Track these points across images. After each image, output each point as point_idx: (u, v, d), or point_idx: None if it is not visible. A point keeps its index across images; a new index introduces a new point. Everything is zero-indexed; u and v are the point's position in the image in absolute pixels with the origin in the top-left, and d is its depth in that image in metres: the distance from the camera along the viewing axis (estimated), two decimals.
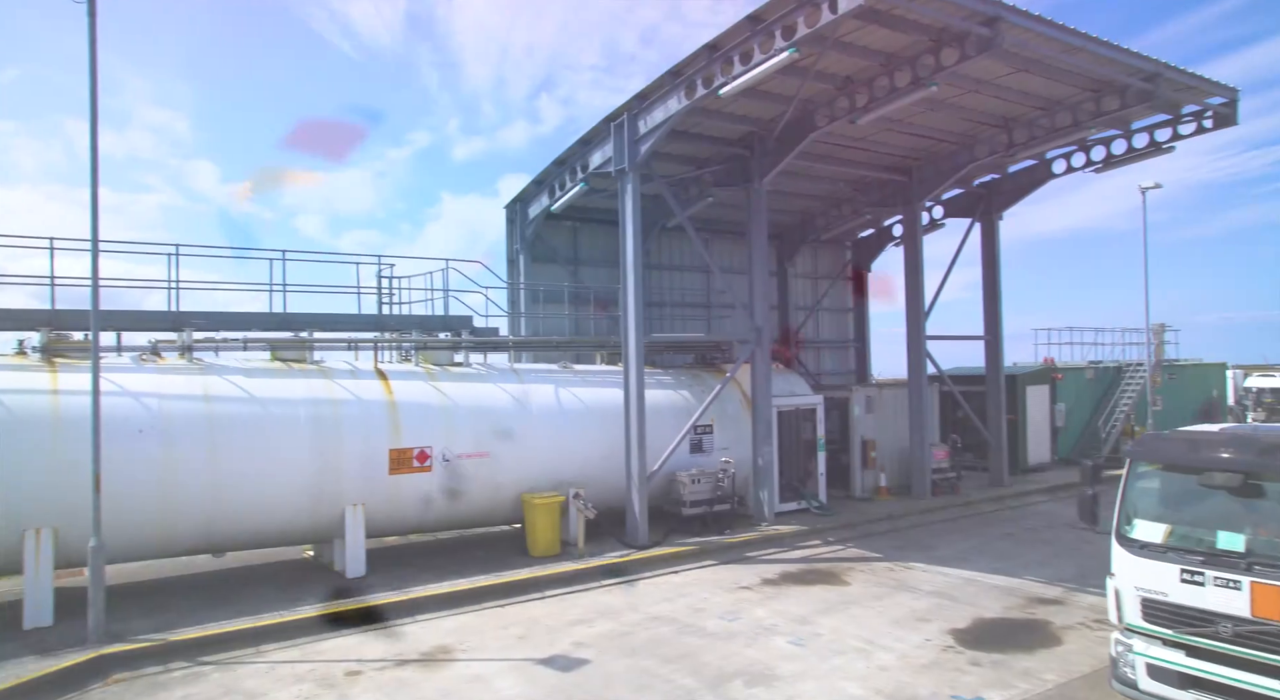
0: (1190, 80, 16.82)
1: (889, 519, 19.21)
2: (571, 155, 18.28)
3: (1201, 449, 7.91)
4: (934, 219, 25.02)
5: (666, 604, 12.86)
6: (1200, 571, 7.52)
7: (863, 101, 15.63)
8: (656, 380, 18.38)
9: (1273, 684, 7.09)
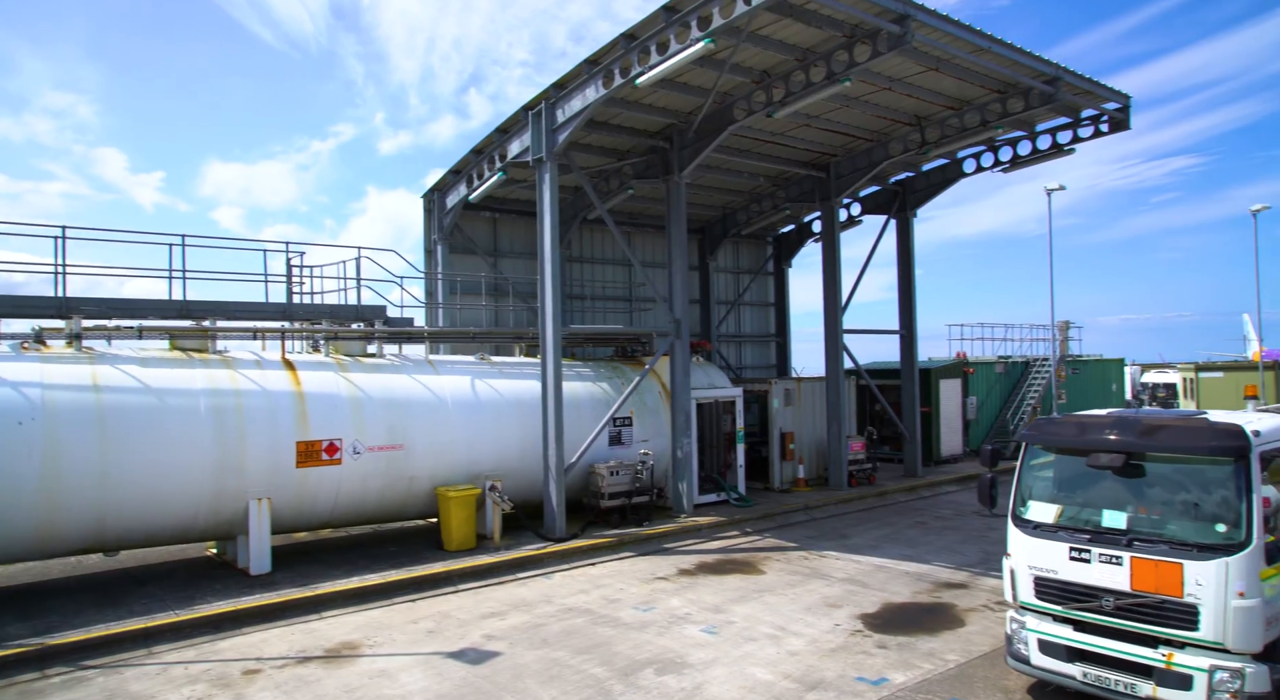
0: (1087, 85, 17.53)
1: (806, 509, 19.51)
2: (490, 144, 18.01)
3: (1089, 432, 8.22)
4: (852, 216, 25.52)
5: (582, 596, 12.77)
6: (1087, 549, 7.82)
7: (779, 95, 15.79)
8: (576, 372, 18.28)
9: (1149, 652, 7.42)
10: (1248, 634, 6.97)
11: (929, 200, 23.54)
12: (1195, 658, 7.15)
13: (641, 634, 10.87)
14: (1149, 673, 7.42)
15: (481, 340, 18.14)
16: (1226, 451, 7.31)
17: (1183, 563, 7.21)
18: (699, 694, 8.84)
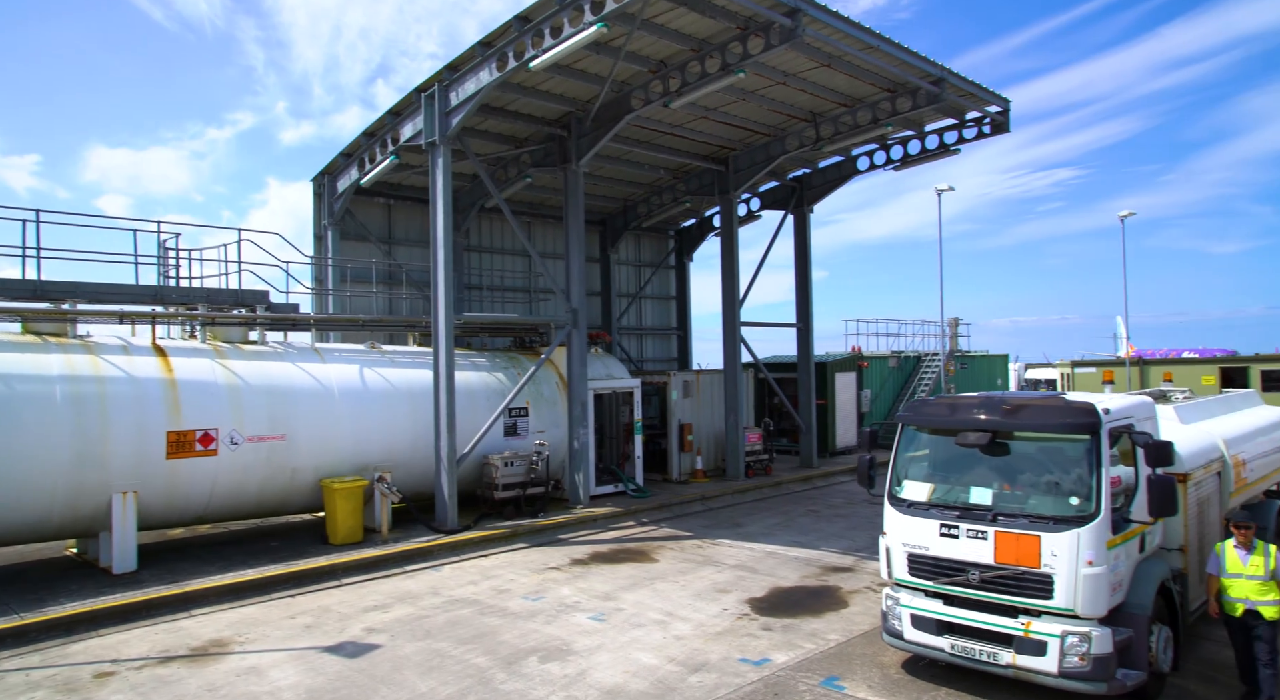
0: (970, 87, 18.24)
1: (702, 499, 19.68)
2: (382, 127, 17.47)
3: (958, 412, 8.51)
4: (751, 210, 25.92)
5: (471, 587, 12.52)
6: (956, 525, 8.08)
7: (675, 86, 15.84)
8: (471, 362, 17.94)
9: (1010, 622, 7.73)
10: (1095, 600, 7.34)
11: (825, 196, 24.09)
12: (1050, 625, 7.48)
13: (529, 623, 10.71)
14: (1010, 641, 7.73)
15: (372, 329, 17.59)
16: (1080, 428, 7.68)
17: (1040, 535, 7.53)
18: (582, 680, 8.75)
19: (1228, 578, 7.79)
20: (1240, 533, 7.80)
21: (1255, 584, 7.65)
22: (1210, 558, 8.07)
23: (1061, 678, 7.44)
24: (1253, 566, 7.67)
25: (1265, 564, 7.64)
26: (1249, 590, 7.68)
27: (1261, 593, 7.64)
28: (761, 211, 25.81)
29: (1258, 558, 7.68)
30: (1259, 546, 7.76)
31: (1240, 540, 7.80)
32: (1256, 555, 7.70)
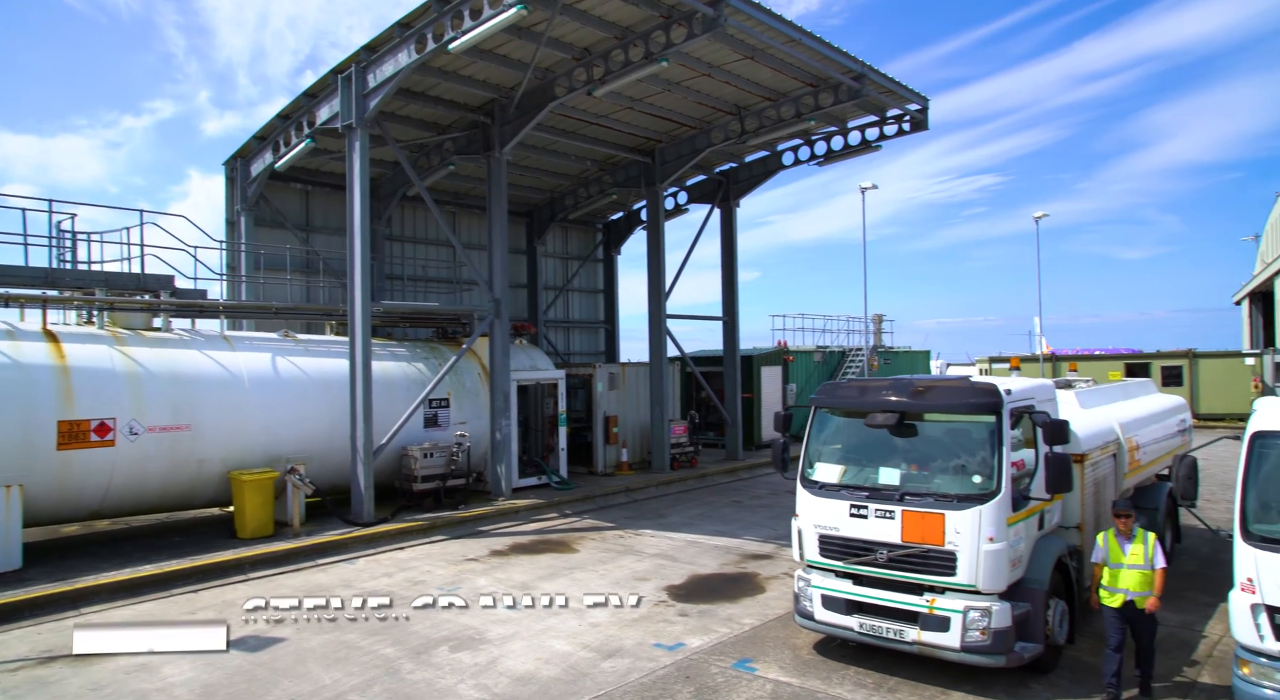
0: (890, 84, 18.61)
1: (626, 491, 19.64)
2: (297, 109, 16.92)
3: (868, 393, 8.63)
4: (678, 204, 26.01)
5: (385, 579, 12.21)
6: (865, 505, 8.19)
7: (599, 74, 15.75)
8: (390, 352, 17.53)
9: (916, 599, 7.86)
10: (995, 575, 7.52)
11: (751, 190, 24.31)
12: (953, 601, 7.65)
13: (442, 613, 10.49)
14: (915, 619, 7.88)
15: (287, 317, 17.02)
16: (983, 408, 7.86)
17: (944, 513, 7.69)
18: (493, 667, 8.60)
19: (1110, 568, 7.59)
20: (1121, 521, 7.63)
21: (1135, 574, 7.45)
22: (1094, 548, 7.88)
23: (963, 652, 7.62)
24: (1133, 556, 7.49)
25: (1144, 553, 7.46)
26: (1129, 580, 7.46)
27: (1141, 583, 7.44)
28: (689, 205, 25.91)
29: (1138, 546, 7.51)
30: (1139, 535, 7.59)
31: (1121, 529, 7.62)
32: (1136, 544, 7.53)
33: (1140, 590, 7.44)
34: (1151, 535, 7.56)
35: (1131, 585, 7.46)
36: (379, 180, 21.22)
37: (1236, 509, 6.67)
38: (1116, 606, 7.52)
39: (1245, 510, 6.61)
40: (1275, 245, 41.98)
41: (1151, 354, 37.78)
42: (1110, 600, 7.58)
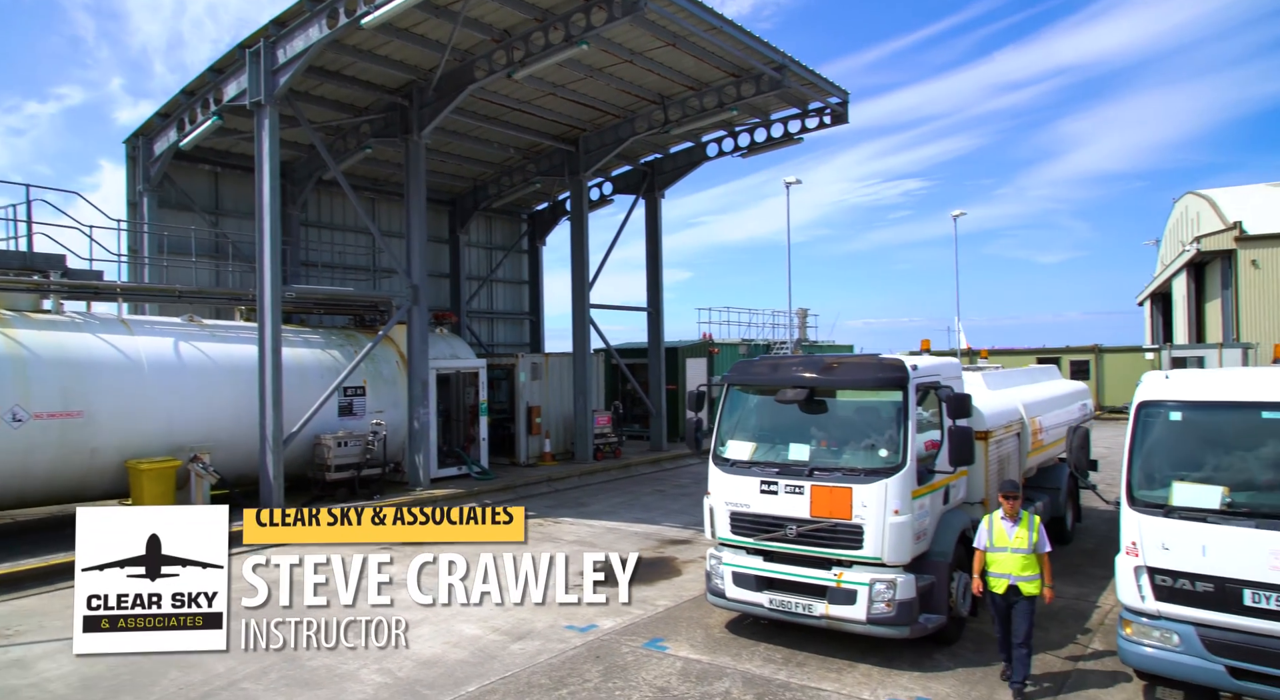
0: (811, 77, 18.86)
1: (548, 481, 19.47)
2: (203, 85, 16.21)
3: (779, 370, 8.68)
4: (604, 194, 25.90)
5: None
6: (775, 481, 8.23)
7: (519, 56, 15.53)
8: (303, 339, 16.98)
9: (823, 574, 7.93)
10: (900, 547, 7.64)
11: (676, 181, 24.37)
12: (859, 574, 7.74)
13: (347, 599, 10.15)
14: (824, 593, 7.94)
15: (193, 301, 16.30)
16: (889, 383, 7.97)
17: (851, 487, 7.77)
18: (399, 652, 8.36)
19: (994, 552, 7.25)
20: (1008, 503, 7.26)
21: (1019, 558, 7.13)
22: (978, 531, 7.48)
23: (869, 624, 7.71)
24: (1017, 539, 7.16)
25: (1028, 537, 7.15)
26: (1013, 565, 7.15)
27: (1024, 568, 7.13)
28: (614, 196, 25.83)
29: (1022, 530, 7.19)
30: (1024, 518, 7.27)
31: (1007, 511, 7.26)
32: (1021, 527, 7.20)
33: (1024, 574, 7.14)
34: (1036, 518, 7.28)
35: (1015, 569, 7.15)
36: (293, 163, 20.55)
37: (1123, 477, 6.90)
38: (1000, 592, 7.23)
39: (1131, 478, 6.84)
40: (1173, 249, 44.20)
41: (1061, 349, 39.28)
42: (994, 586, 7.28)
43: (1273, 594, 6.02)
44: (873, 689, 7.33)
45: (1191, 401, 6.80)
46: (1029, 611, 7.14)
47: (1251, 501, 6.32)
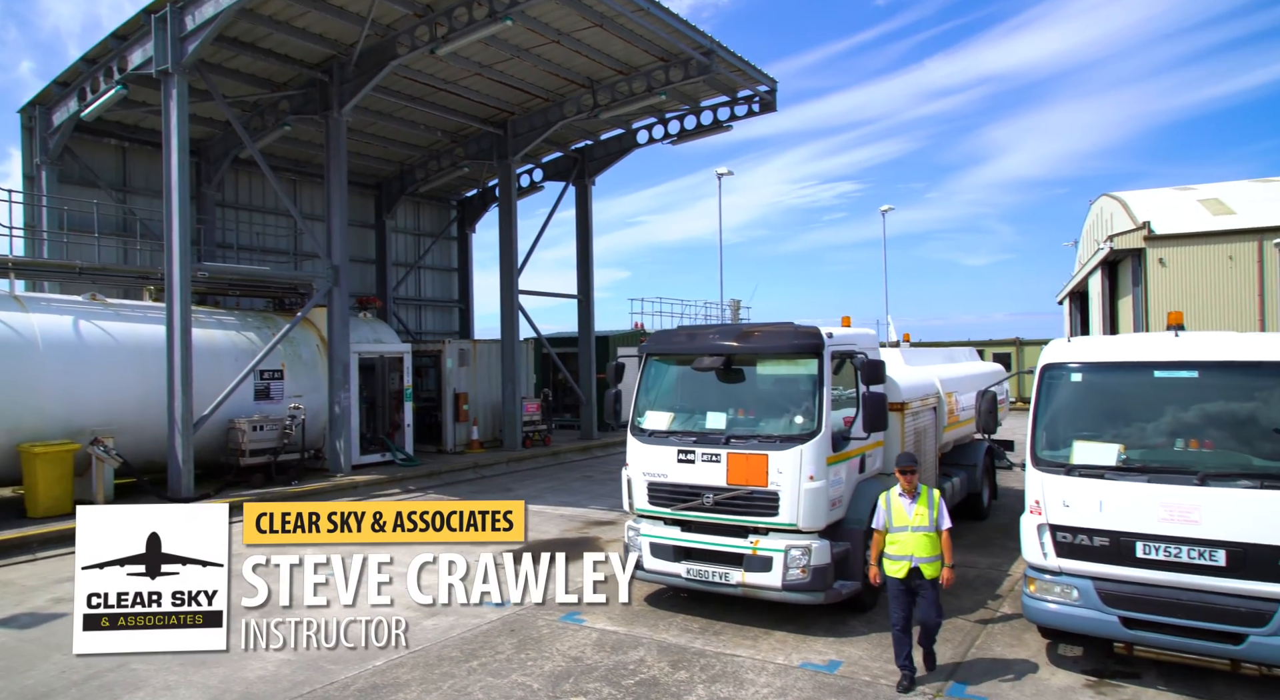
0: (739, 63, 18.94)
1: (475, 468, 19.17)
2: (106, 53, 15.45)
3: (697, 339, 8.63)
4: (534, 181, 25.66)
5: None
6: (692, 450, 8.18)
7: (443, 32, 15.20)
8: (217, 320, 16.37)
9: (740, 542, 7.92)
10: (815, 513, 7.66)
11: (607, 168, 24.27)
12: (775, 541, 7.73)
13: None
14: (740, 561, 7.92)
15: (95, 278, 15.53)
16: (804, 349, 7.99)
17: (767, 454, 7.76)
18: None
19: (893, 532, 6.67)
20: (905, 477, 6.70)
21: (920, 538, 6.58)
22: (875, 511, 6.87)
23: (785, 591, 7.71)
24: (918, 516, 6.60)
25: (929, 514, 6.60)
26: (914, 545, 6.58)
27: (926, 548, 6.58)
28: (544, 182, 25.61)
29: (922, 506, 6.62)
30: (923, 493, 6.70)
31: (905, 486, 6.69)
32: (920, 504, 6.63)
33: (925, 555, 6.58)
34: (936, 493, 6.74)
35: (916, 550, 6.59)
36: (208, 140, 19.81)
37: (1028, 439, 7.03)
38: (901, 577, 6.62)
39: (1035, 439, 6.98)
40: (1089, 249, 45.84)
41: (984, 341, 40.49)
42: (894, 569, 6.67)
43: (1162, 545, 6.20)
44: (787, 654, 7.34)
45: (1091, 362, 6.98)
46: (935, 595, 6.65)
47: (1144, 457, 6.51)
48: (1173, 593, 6.20)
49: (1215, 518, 6.04)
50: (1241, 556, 5.96)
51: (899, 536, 6.67)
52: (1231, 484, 6.08)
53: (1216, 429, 6.45)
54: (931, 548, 6.62)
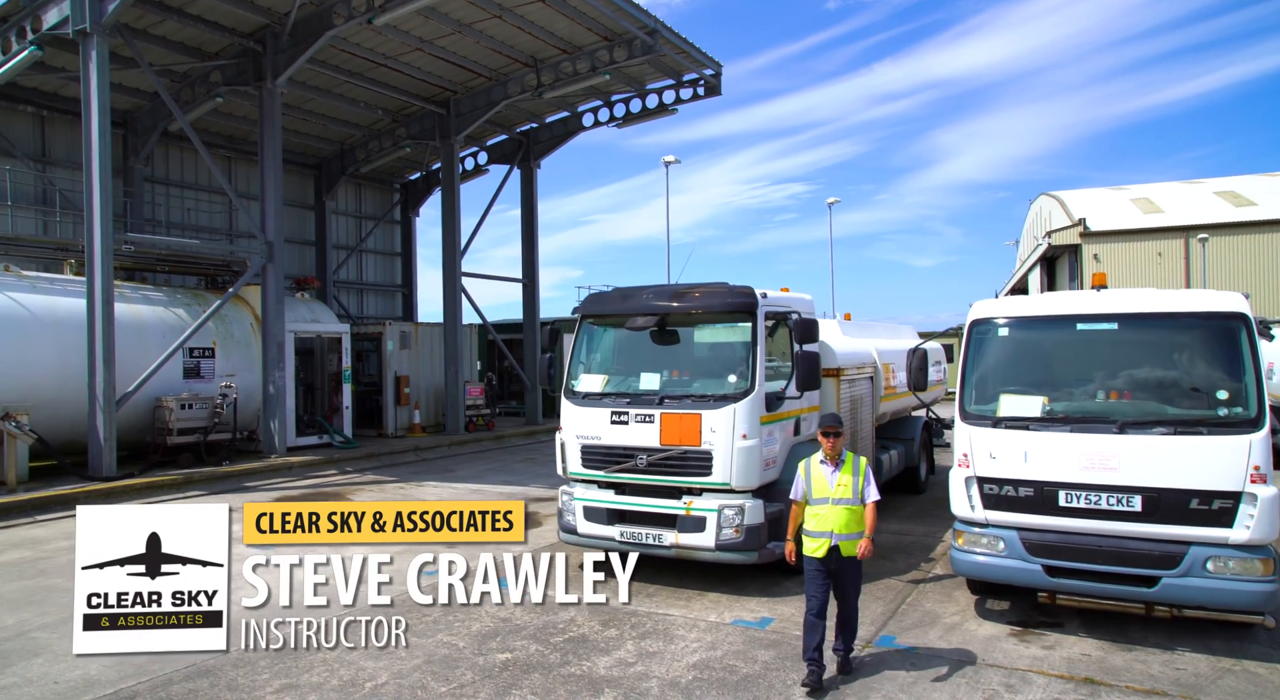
0: (683, 44, 18.90)
1: (416, 450, 18.86)
2: (17, 11, 14.65)
3: (631, 299, 8.54)
4: (479, 164, 25.34)
5: None
6: (626, 412, 8.09)
7: (380, 1, 14.85)
8: (144, 296, 15.82)
9: (674, 503, 7.85)
10: (748, 472, 7.62)
11: (552, 151, 24.10)
12: (708, 501, 7.68)
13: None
14: (674, 522, 7.85)
15: (10, 249, 14.87)
16: (739, 308, 7.95)
17: (701, 413, 7.70)
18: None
19: (813, 505, 5.84)
20: (828, 441, 5.86)
21: (843, 511, 5.75)
22: (794, 482, 6.04)
23: (718, 550, 7.67)
24: (840, 488, 5.78)
25: (854, 483, 5.79)
26: (835, 521, 5.74)
27: (849, 524, 5.74)
28: (489, 165, 25.31)
29: (846, 476, 5.81)
30: (848, 460, 5.89)
31: (827, 452, 5.88)
32: (845, 472, 5.82)
33: (848, 532, 5.73)
34: (863, 460, 5.95)
35: (838, 526, 5.72)
36: (135, 112, 19.12)
37: (957, 395, 7.09)
38: (820, 556, 5.75)
39: (964, 395, 7.04)
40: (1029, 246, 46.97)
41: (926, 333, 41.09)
42: (812, 547, 5.80)
43: (1083, 493, 6.30)
44: (720, 612, 7.29)
45: (1017, 317, 7.07)
46: (857, 578, 5.89)
47: (1068, 409, 6.61)
48: (1093, 540, 6.31)
49: (1132, 465, 6.15)
50: (1155, 501, 6.08)
51: (819, 510, 5.80)
52: (1148, 432, 6.19)
53: (1135, 380, 6.58)
54: (855, 523, 5.75)
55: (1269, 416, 6.02)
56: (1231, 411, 6.13)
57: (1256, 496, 5.85)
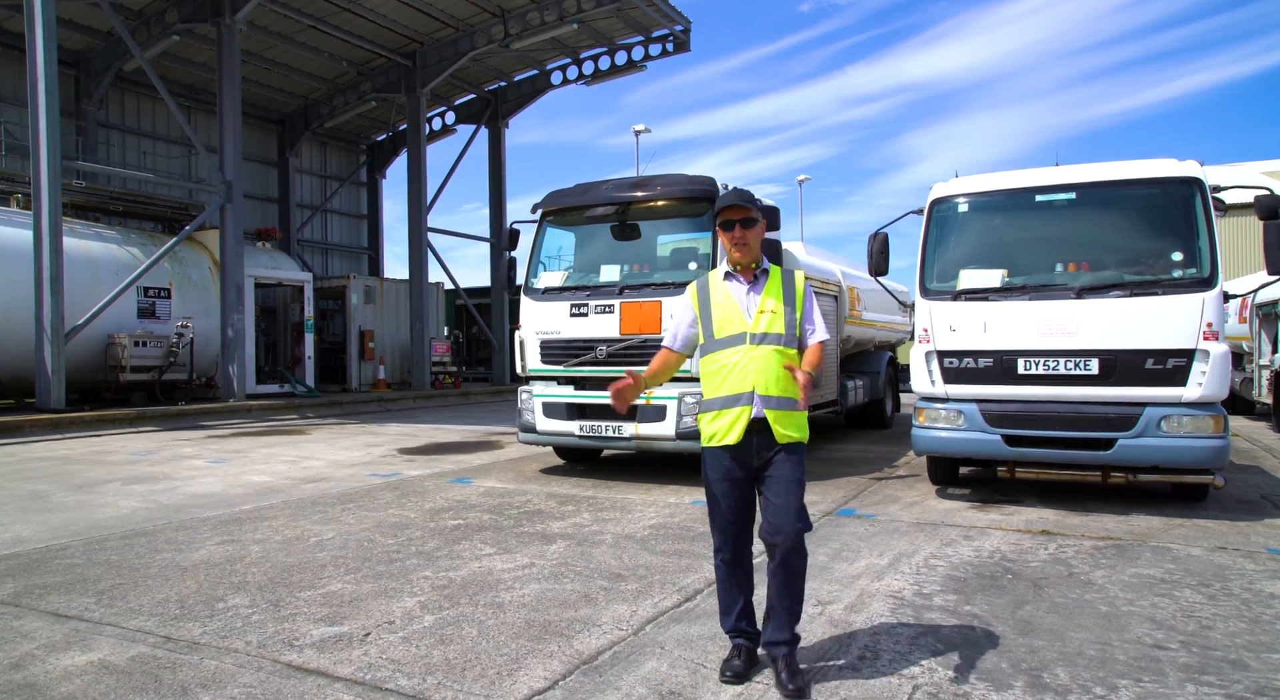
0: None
1: (380, 402, 18.58)
2: None
3: (590, 191, 8.40)
4: (446, 124, 25.04)
5: (64, 451, 10.59)
6: (585, 303, 7.96)
7: None
8: (96, 233, 15.41)
9: None
10: None
11: (521, 110, 23.83)
12: (668, 390, 7.54)
13: (127, 467, 9.19)
14: (634, 413, 7.73)
15: None
16: (698, 195, 7.83)
17: (661, 300, 7.59)
18: (169, 492, 7.55)
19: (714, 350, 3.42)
20: (730, 235, 3.44)
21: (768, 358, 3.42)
22: (672, 316, 5.46)
23: (679, 440, 7.55)
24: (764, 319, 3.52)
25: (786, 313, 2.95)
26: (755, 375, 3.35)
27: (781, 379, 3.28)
28: (457, 126, 25.03)
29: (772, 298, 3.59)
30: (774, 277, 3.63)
31: (737, 258, 3.57)
32: (769, 294, 3.64)
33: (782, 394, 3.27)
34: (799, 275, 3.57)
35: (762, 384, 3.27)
36: (89, 52, 18.64)
37: (918, 273, 7.04)
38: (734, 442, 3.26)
39: (925, 272, 6.98)
40: None
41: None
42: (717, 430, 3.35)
43: (1041, 359, 6.27)
44: (680, 496, 7.18)
45: (976, 193, 7.01)
46: (796, 484, 3.24)
47: (1027, 279, 6.57)
48: (1051, 407, 6.28)
49: (1090, 328, 6.13)
50: (1112, 363, 6.06)
51: (725, 358, 3.32)
52: (1105, 295, 6.18)
53: (1093, 248, 6.57)
54: (791, 382, 3.22)
55: (1221, 277, 6.03)
56: (1185, 272, 6.13)
57: (1209, 353, 5.86)
